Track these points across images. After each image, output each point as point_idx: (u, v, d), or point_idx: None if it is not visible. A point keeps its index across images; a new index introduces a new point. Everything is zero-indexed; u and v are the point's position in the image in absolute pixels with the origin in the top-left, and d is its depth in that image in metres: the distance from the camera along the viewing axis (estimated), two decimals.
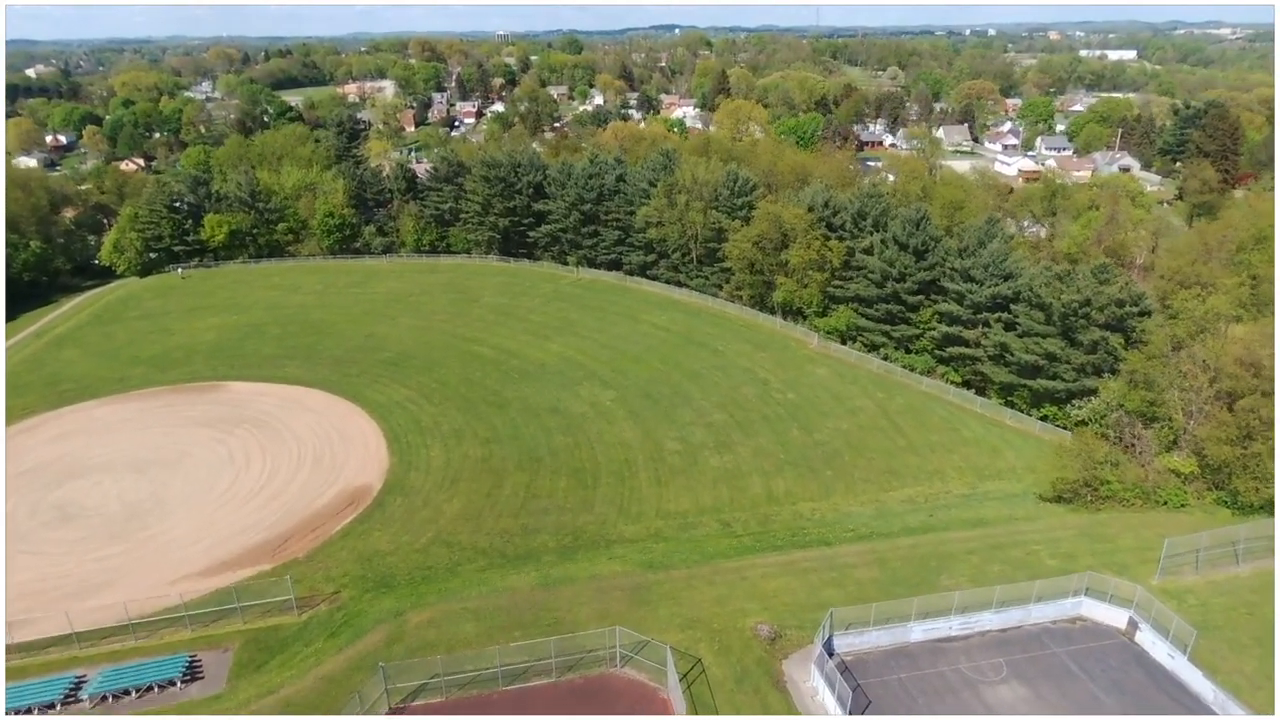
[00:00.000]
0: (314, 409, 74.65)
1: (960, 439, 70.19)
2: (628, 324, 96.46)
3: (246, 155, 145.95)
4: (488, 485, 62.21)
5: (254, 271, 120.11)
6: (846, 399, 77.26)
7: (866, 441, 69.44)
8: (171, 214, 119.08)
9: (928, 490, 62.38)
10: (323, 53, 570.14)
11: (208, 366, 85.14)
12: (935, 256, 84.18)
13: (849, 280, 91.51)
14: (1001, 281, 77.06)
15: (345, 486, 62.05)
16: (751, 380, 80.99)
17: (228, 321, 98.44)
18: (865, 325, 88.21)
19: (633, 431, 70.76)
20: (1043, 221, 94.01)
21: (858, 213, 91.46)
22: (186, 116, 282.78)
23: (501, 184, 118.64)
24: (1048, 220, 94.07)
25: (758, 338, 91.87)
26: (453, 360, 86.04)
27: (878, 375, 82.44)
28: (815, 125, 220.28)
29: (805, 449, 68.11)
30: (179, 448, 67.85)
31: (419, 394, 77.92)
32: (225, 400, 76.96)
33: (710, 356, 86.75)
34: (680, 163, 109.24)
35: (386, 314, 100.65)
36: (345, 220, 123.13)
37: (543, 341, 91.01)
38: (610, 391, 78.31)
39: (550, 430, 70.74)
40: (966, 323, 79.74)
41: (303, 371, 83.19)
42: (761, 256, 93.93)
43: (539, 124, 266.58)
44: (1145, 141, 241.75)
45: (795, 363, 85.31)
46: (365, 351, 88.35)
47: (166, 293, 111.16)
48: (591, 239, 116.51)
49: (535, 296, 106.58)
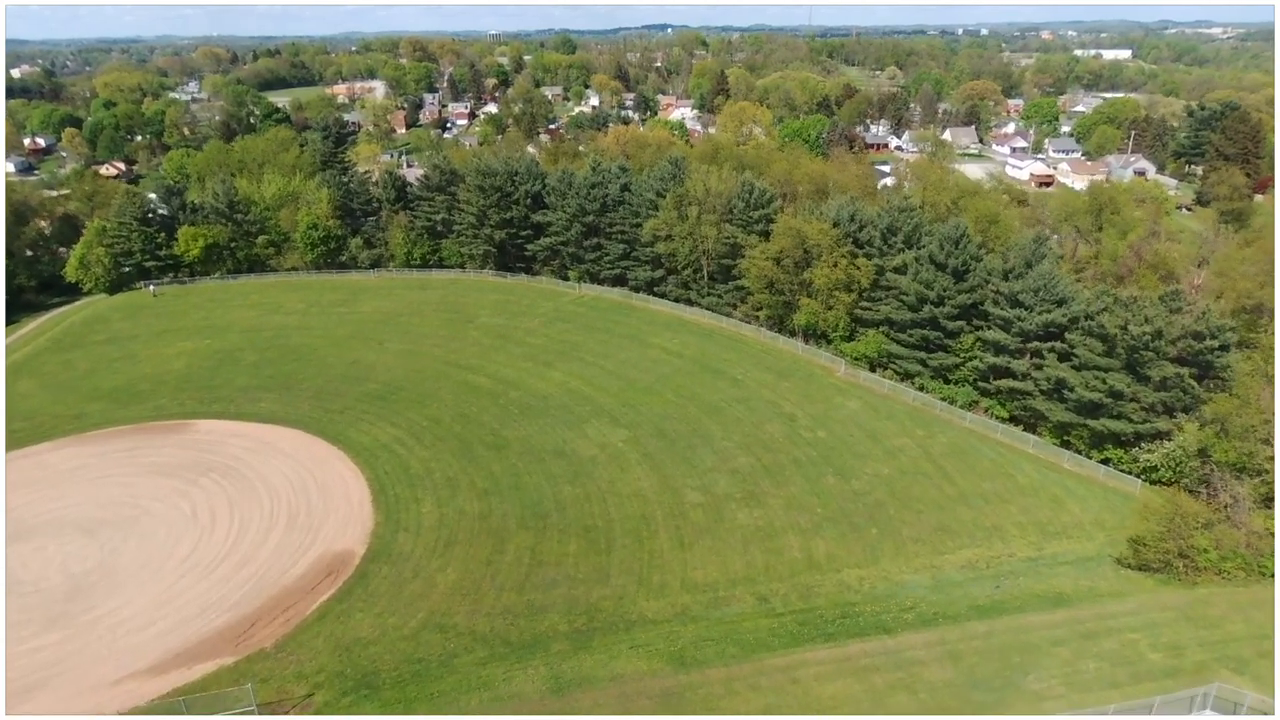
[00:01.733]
0: (290, 453, 66.65)
1: (1016, 486, 62.70)
2: (636, 348, 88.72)
3: (225, 162, 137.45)
4: (487, 549, 54.40)
5: (231, 289, 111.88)
6: (883, 437, 69.69)
7: (911, 490, 61.88)
8: (143, 227, 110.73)
9: (988, 552, 54.85)
10: (312, 52, 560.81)
11: (175, 401, 77.02)
12: (976, 278, 76.66)
13: (878, 302, 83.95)
14: (1054, 307, 69.56)
15: (323, 552, 54.16)
16: (776, 415, 73.35)
17: (200, 347, 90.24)
18: (898, 352, 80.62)
19: (648, 479, 63.02)
20: (1089, 238, 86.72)
21: (888, 228, 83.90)
22: (169, 119, 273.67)
23: (497, 194, 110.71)
24: (1093, 236, 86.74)
25: (779, 364, 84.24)
26: (446, 392, 78.15)
27: (915, 409, 74.92)
28: (820, 128, 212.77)
29: (844, 500, 60.49)
30: (136, 503, 59.80)
31: (408, 433, 70.03)
32: (192, 442, 68.89)
33: (729, 387, 79.09)
34: (690, 171, 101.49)
35: (373, 337, 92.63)
36: (330, 232, 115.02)
37: (544, 369, 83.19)
38: (621, 430, 70.55)
39: (556, 478, 62.93)
40: (1014, 352, 72.24)
41: (279, 406, 75.19)
42: (782, 276, 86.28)
43: (534, 126, 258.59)
44: (1158, 144, 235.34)
45: (822, 394, 77.73)
46: (349, 382, 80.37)
47: (136, 313, 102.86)
48: (594, 253, 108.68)
49: (535, 316, 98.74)
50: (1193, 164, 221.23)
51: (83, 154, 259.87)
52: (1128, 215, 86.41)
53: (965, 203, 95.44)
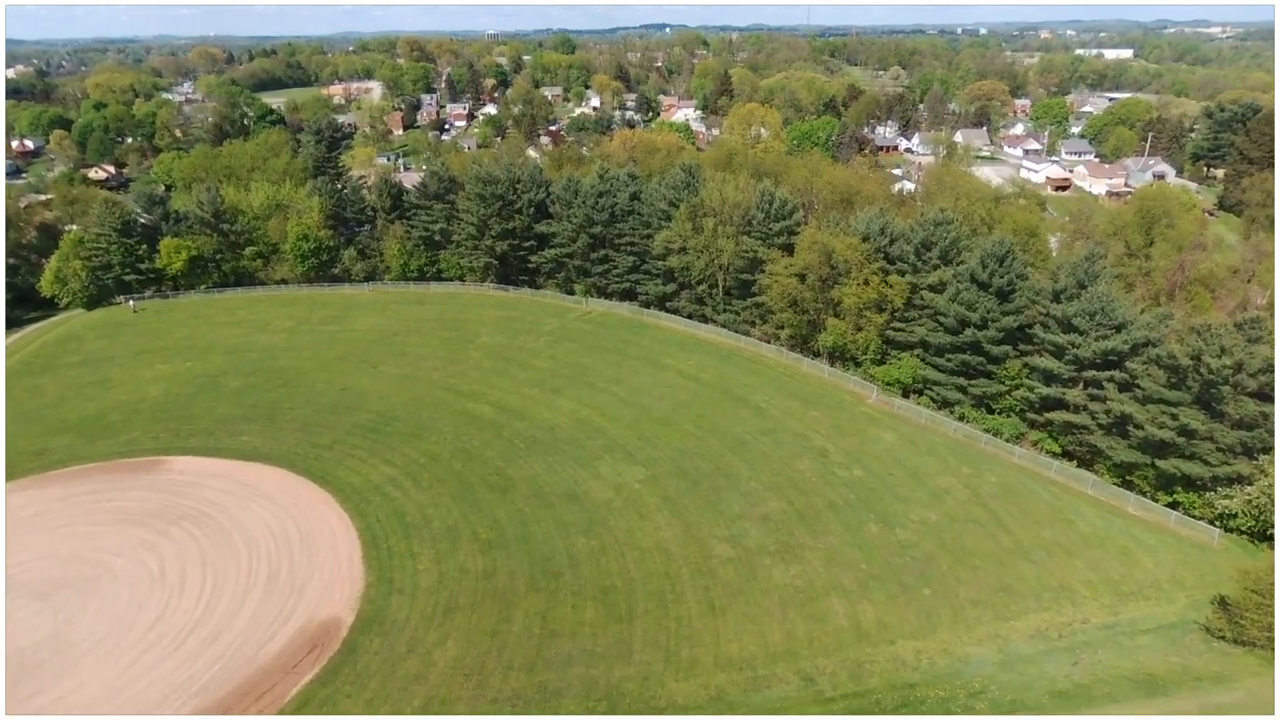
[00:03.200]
0: (272, 497, 60.24)
1: (1078, 535, 56.39)
2: (649, 371, 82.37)
3: (212, 169, 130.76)
4: (492, 617, 48.05)
5: (217, 303, 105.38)
6: (926, 476, 63.37)
7: (964, 541, 55.58)
8: (122, 238, 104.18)
9: (1057, 618, 48.56)
10: (308, 52, 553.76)
11: (148, 434, 70.54)
12: (1022, 298, 70.46)
13: (912, 323, 77.70)
14: (1113, 333, 63.32)
15: (306, 621, 47.79)
16: (807, 450, 67.01)
17: (179, 370, 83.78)
18: (935, 378, 74.36)
19: (671, 528, 56.67)
20: (1139, 253, 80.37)
21: (922, 243, 77.58)
22: (160, 120, 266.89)
23: (499, 202, 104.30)
24: (1143, 251, 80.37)
25: (805, 390, 77.91)
26: (445, 423, 71.75)
27: (957, 442, 68.61)
28: (830, 130, 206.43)
29: (890, 554, 54.18)
30: (98, 558, 53.40)
31: (403, 472, 63.62)
32: (164, 484, 62.44)
33: (752, 416, 72.74)
34: (704, 180, 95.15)
35: (367, 358, 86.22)
36: (322, 243, 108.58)
37: (551, 396, 76.82)
38: (637, 468, 64.17)
39: (568, 528, 56.57)
40: (1067, 381, 66.00)
41: (262, 440, 68.76)
42: (807, 294, 79.97)
43: (534, 128, 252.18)
44: (1174, 146, 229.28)
45: (854, 424, 71.41)
46: (339, 412, 73.95)
47: (114, 331, 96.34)
48: (602, 265, 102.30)
49: (539, 335, 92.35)
50: (1212, 166, 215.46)
51: (72, 157, 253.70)
52: (1183, 229, 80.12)
53: (999, 213, 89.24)
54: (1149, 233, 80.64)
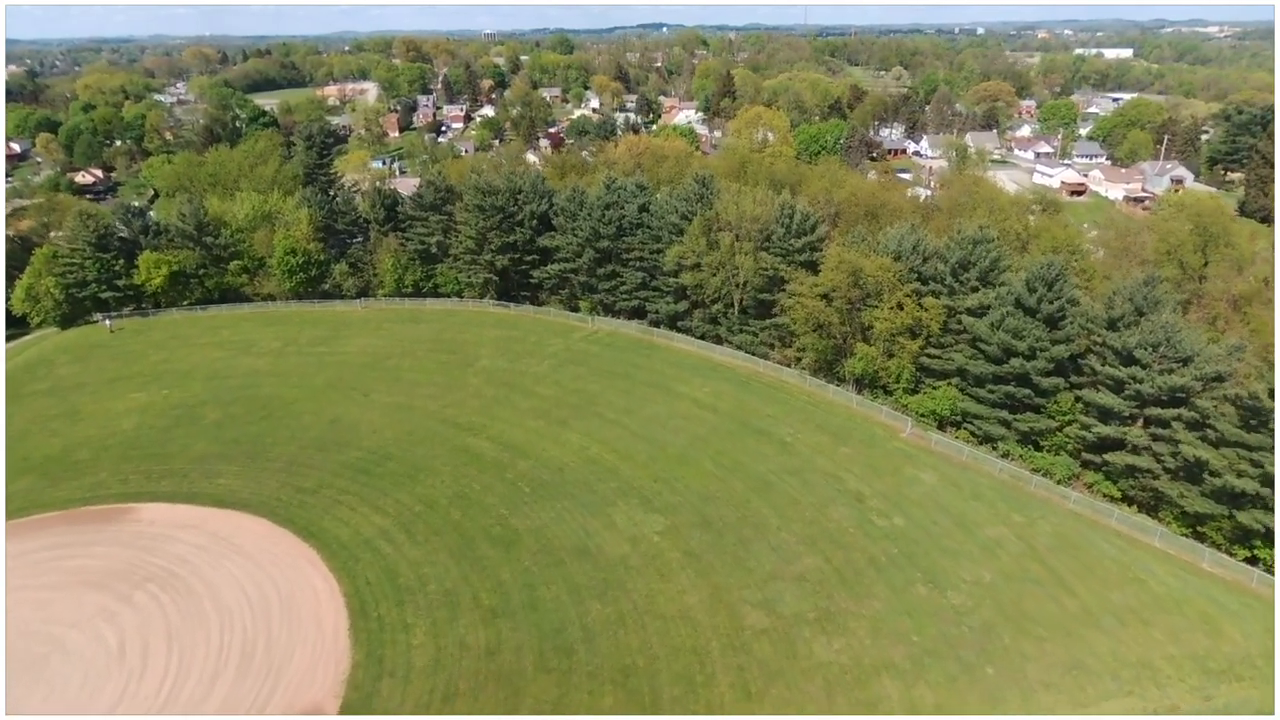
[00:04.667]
0: (250, 553, 54.11)
1: (1152, 598, 50.49)
2: (662, 399, 76.32)
3: (196, 177, 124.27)
4: (497, 705, 41.96)
5: (199, 321, 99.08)
6: (974, 525, 57.40)
7: (1024, 605, 49.61)
8: (98, 253, 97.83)
9: (1142, 702, 42.65)
10: (303, 52, 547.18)
11: (117, 476, 64.31)
12: (1073, 326, 64.51)
13: (948, 349, 71.75)
14: (1179, 366, 57.43)
15: (284, 708, 41.70)
16: (840, 494, 61.01)
17: (155, 400, 77.55)
18: (976, 410, 68.31)
19: (696, 591, 50.64)
20: (1194, 273, 74.39)
21: (960, 263, 71.59)
22: (150, 123, 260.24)
23: (499, 214, 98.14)
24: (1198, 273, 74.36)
25: (832, 422, 71.90)
26: (442, 462, 65.62)
27: (1004, 484, 62.65)
28: (838, 133, 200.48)
29: (944, 622, 48.20)
30: (50, 631, 47.25)
31: (396, 523, 57.49)
32: (131, 537, 56.25)
33: (777, 453, 66.71)
34: (719, 191, 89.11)
35: (358, 385, 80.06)
36: (311, 257, 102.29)
37: (558, 430, 70.72)
38: (655, 517, 58.10)
39: (581, 591, 50.51)
40: (1127, 419, 60.07)
41: (242, 483, 62.58)
42: (834, 317, 73.95)
43: (533, 130, 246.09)
44: (1189, 149, 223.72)
45: (889, 462, 65.41)
46: (327, 448, 67.76)
47: (87, 354, 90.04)
48: (609, 281, 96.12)
49: (543, 357, 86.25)
50: (1230, 170, 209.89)
51: (59, 160, 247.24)
52: (1244, 248, 74.20)
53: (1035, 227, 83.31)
54: (1204, 251, 74.77)
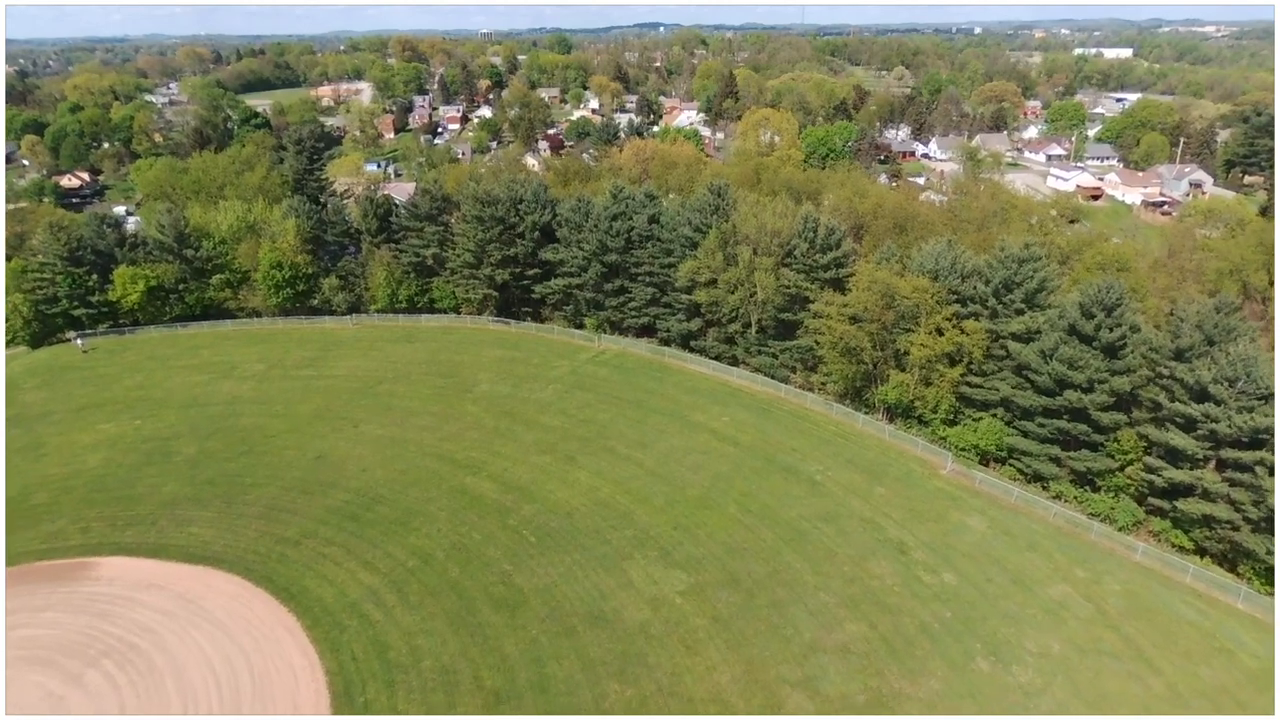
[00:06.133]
0: (221, 619, 47.89)
1: (1245, 675, 44.48)
2: (678, 430, 70.21)
3: (179, 184, 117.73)
4: None
5: (179, 340, 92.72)
6: (1033, 583, 51.37)
7: (1101, 684, 43.57)
8: (70, 267, 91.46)
9: None
10: (297, 52, 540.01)
11: (78, 523, 58.03)
12: (1133, 356, 58.52)
13: (990, 376, 65.76)
14: (1259, 404, 51.47)
15: None
16: (881, 544, 54.95)
17: (125, 432, 71.23)
18: (1024, 446, 62.32)
19: (727, 667, 44.52)
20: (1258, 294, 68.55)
21: (1003, 283, 65.54)
22: (138, 124, 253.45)
23: (499, 226, 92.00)
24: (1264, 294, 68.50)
25: (864, 457, 65.83)
26: (438, 506, 59.44)
27: (1060, 531, 56.65)
28: (847, 136, 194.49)
29: (1013, 706, 42.14)
30: None
31: (387, 582, 51.31)
32: (88, 600, 50.02)
33: (807, 494, 60.65)
34: (736, 202, 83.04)
35: (346, 414, 73.84)
36: (299, 270, 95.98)
37: (565, 467, 64.57)
38: (678, 573, 51.98)
39: (596, 668, 44.37)
40: (1199, 461, 54.11)
41: (216, 532, 56.37)
42: (865, 341, 67.89)
43: (532, 132, 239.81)
44: (1205, 151, 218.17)
45: (931, 505, 59.36)
46: (311, 490, 61.53)
47: (56, 378, 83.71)
48: (617, 297, 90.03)
49: (547, 381, 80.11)
50: (1249, 174, 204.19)
51: (44, 163, 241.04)
52: None
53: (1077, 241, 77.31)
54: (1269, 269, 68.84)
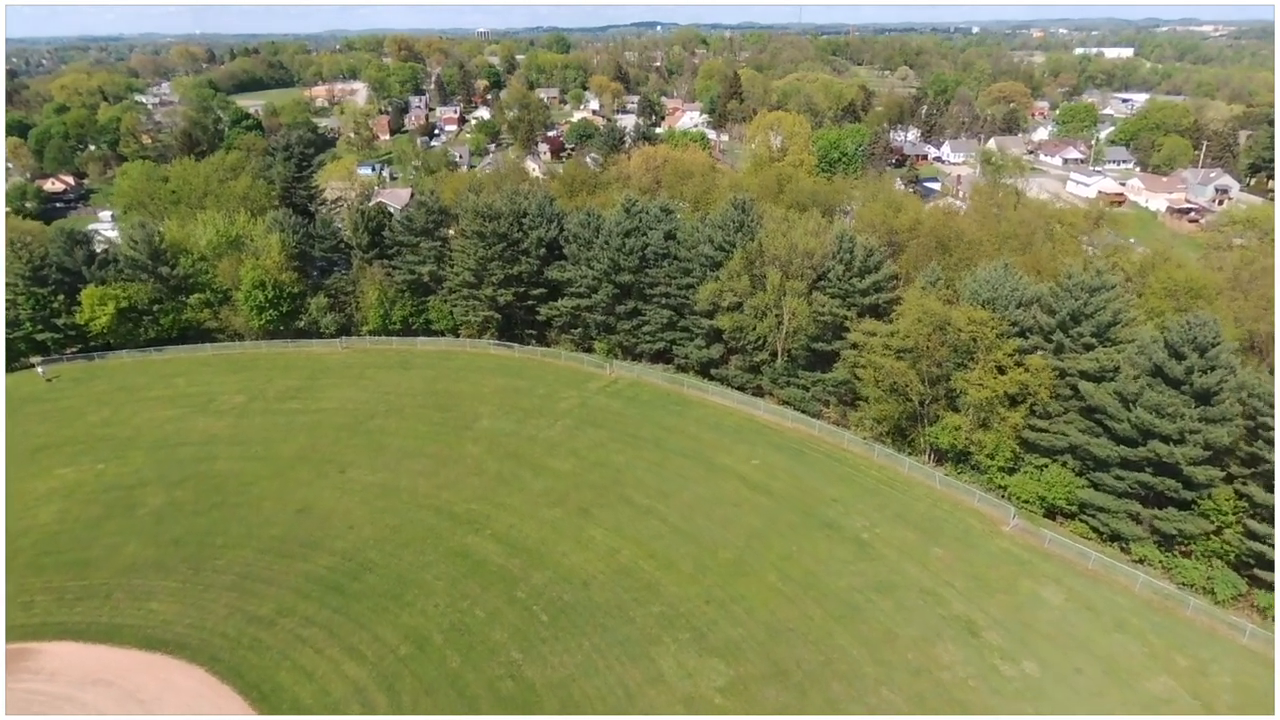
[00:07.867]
0: None
1: None
2: (703, 476, 62.87)
3: (156, 194, 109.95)
4: None
5: (152, 367, 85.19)
6: (1129, 674, 44.08)
7: None
8: (33, 288, 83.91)
9: None
10: (291, 51, 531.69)
11: (22, 594, 50.45)
12: (1229, 403, 51.28)
13: (1056, 419, 58.49)
14: None
15: None
16: (946, 622, 47.63)
17: (85, 478, 63.67)
18: (1099, 501, 55.08)
19: None
20: None
21: (1071, 315, 58.27)
22: (125, 126, 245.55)
23: (501, 242, 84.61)
24: None
25: (914, 510, 58.53)
26: (435, 573, 51.99)
27: (1149, 605, 49.41)
28: (860, 139, 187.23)
29: None
30: None
31: (375, 674, 43.88)
32: (24, 699, 42.48)
33: (855, 556, 53.35)
34: (763, 218, 75.74)
35: (333, 456, 66.36)
36: (284, 290, 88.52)
37: (579, 522, 57.18)
38: (715, 662, 44.60)
39: None
40: None
41: (179, 608, 48.90)
42: (914, 378, 60.58)
43: (531, 134, 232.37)
44: (1226, 155, 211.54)
45: (998, 571, 52.08)
46: (291, 552, 54.06)
47: (13, 411, 76.02)
48: (630, 320, 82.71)
49: (555, 416, 72.75)
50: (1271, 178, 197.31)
51: (28, 166, 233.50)
52: None
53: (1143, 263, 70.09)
54: None
